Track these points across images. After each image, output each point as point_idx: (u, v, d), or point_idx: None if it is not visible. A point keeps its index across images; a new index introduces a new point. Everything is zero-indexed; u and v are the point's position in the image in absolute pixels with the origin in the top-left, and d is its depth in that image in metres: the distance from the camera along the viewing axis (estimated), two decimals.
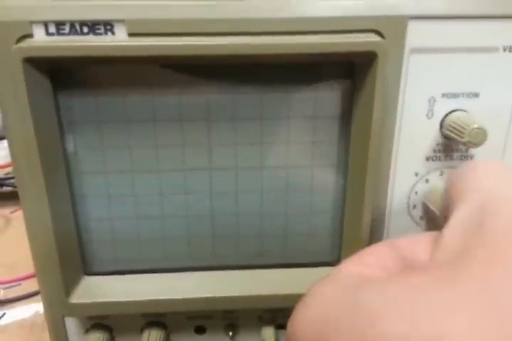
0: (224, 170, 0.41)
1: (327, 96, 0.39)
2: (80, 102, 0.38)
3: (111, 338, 0.43)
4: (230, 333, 0.44)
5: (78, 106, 0.38)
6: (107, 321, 0.43)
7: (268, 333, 0.43)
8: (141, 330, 0.43)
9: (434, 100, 0.38)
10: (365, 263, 0.29)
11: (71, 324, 0.43)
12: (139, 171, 0.40)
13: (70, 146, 0.39)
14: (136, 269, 0.43)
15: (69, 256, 0.41)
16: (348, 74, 0.38)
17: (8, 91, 0.35)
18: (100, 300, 0.40)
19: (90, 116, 0.38)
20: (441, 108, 0.39)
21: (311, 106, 0.39)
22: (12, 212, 0.89)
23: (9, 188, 0.89)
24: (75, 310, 0.41)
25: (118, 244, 0.42)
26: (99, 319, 0.43)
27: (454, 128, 0.38)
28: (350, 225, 0.41)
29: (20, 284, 0.70)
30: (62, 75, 0.37)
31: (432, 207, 0.39)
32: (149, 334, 0.42)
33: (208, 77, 0.38)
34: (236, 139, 0.40)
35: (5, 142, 0.97)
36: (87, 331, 0.43)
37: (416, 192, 0.41)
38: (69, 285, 0.40)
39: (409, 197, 0.41)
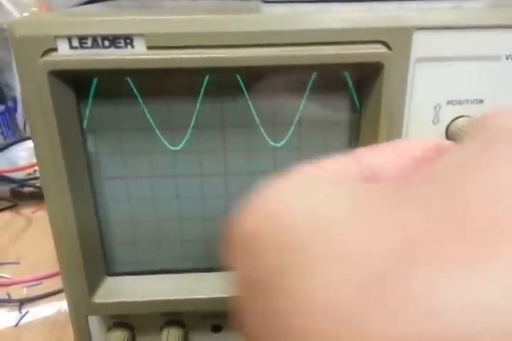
0: (238, 176, 0.42)
1: (335, 104, 0.41)
2: (101, 111, 0.40)
3: (132, 336, 0.45)
4: None
5: (99, 115, 0.40)
6: (128, 320, 0.45)
7: None
8: (161, 329, 0.45)
9: (440, 107, 0.40)
10: (323, 166, 0.25)
11: (94, 322, 0.45)
12: (157, 176, 0.42)
13: (92, 152, 0.42)
14: (155, 270, 0.45)
15: (92, 256, 0.43)
16: (355, 83, 0.40)
17: (34, 102, 0.37)
18: (122, 299, 0.43)
19: (111, 123, 0.41)
20: (447, 114, 0.40)
21: (319, 114, 0.41)
22: (34, 212, 0.92)
23: (30, 189, 0.92)
24: (98, 309, 0.43)
25: (138, 245, 0.44)
26: (120, 318, 0.45)
27: (460, 133, 0.39)
28: None
29: (42, 283, 0.72)
30: (84, 86, 0.39)
31: None
32: (168, 333, 0.44)
33: (220, 86, 0.39)
34: (249, 145, 0.41)
35: (26, 143, 1.00)
36: (109, 329, 0.45)
37: None
38: (92, 285, 0.42)
39: None
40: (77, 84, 0.39)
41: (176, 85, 0.40)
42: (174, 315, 0.45)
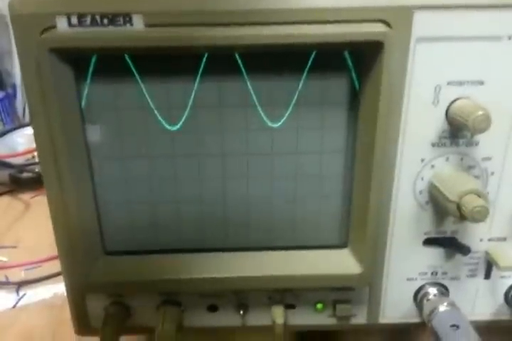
0: (236, 157, 0.42)
1: (334, 84, 0.40)
2: (100, 90, 0.40)
3: (129, 315, 0.45)
4: (241, 312, 0.46)
5: (98, 94, 0.40)
6: (125, 299, 0.45)
7: (278, 312, 0.45)
8: (158, 308, 0.45)
9: (440, 88, 0.40)
10: None
11: (91, 302, 0.45)
12: (154, 157, 0.42)
13: (91, 132, 0.41)
14: (152, 249, 0.45)
15: (89, 236, 0.43)
16: (355, 62, 0.39)
17: (34, 80, 0.37)
18: (118, 278, 0.43)
19: (109, 103, 0.40)
20: (447, 95, 0.40)
21: (317, 94, 0.41)
22: (32, 197, 0.92)
23: (29, 174, 0.91)
24: (95, 288, 0.43)
25: (135, 225, 0.44)
26: (117, 297, 0.45)
27: (459, 115, 0.39)
28: (358, 210, 0.43)
29: (40, 266, 0.73)
30: (83, 65, 0.39)
31: (441, 188, 0.40)
32: (165, 312, 0.44)
33: (219, 66, 0.39)
34: (246, 125, 0.41)
35: (25, 130, 0.99)
36: (106, 309, 0.45)
37: (422, 178, 0.42)
38: (89, 264, 0.42)
39: (415, 183, 0.42)
40: (76, 63, 0.39)
41: (174, 64, 0.39)
42: (171, 295, 0.45)
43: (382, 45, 0.36)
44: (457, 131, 0.41)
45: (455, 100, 0.40)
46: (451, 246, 0.44)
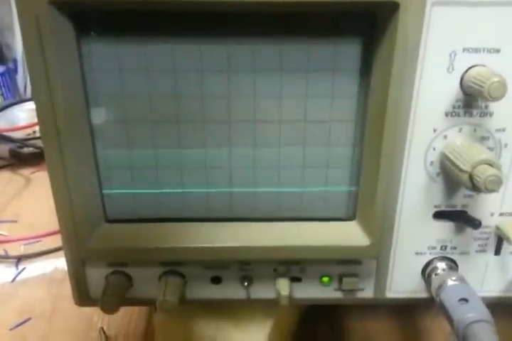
0: (242, 122, 0.41)
1: (347, 49, 0.39)
2: (102, 49, 0.38)
3: (130, 285, 0.44)
4: (245, 283, 0.44)
5: (99, 53, 0.39)
6: (126, 269, 0.44)
7: (283, 284, 0.44)
8: (159, 279, 0.44)
9: (455, 54, 0.38)
10: None
11: (91, 271, 0.44)
12: (158, 121, 0.41)
13: (92, 94, 0.40)
14: (155, 218, 0.44)
15: (90, 203, 0.42)
16: (368, 26, 0.38)
17: (33, 37, 0.35)
18: (119, 245, 0.42)
19: (111, 63, 0.39)
20: (462, 63, 0.38)
21: (331, 59, 0.39)
22: (33, 173, 0.91)
23: (30, 149, 0.90)
24: (95, 254, 0.42)
25: (138, 192, 0.43)
26: (118, 266, 0.44)
27: (474, 82, 0.37)
28: (367, 181, 0.42)
29: (40, 241, 0.72)
30: (84, 21, 0.37)
31: (454, 158, 0.39)
32: (166, 283, 0.43)
33: (228, 27, 0.38)
34: (255, 91, 0.40)
35: (26, 104, 0.99)
36: (106, 277, 0.44)
37: (434, 148, 0.41)
38: (90, 231, 0.42)
39: (426, 153, 0.41)
40: (78, 19, 0.37)
41: (179, 23, 0.38)
42: (173, 265, 0.44)
43: (398, 6, 0.35)
44: (471, 100, 0.39)
45: (470, 67, 0.39)
46: (462, 219, 0.43)
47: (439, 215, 0.43)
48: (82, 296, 0.45)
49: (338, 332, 0.56)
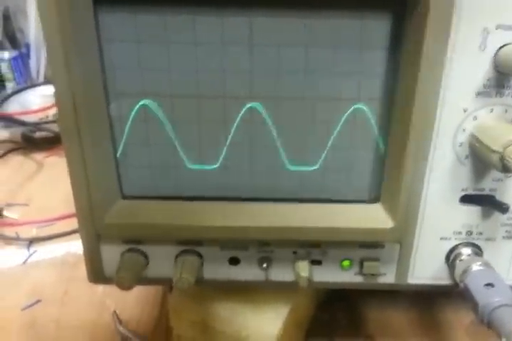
0: (267, 100, 0.40)
1: (375, 25, 0.38)
2: (119, 19, 0.37)
3: (146, 264, 0.43)
4: (264, 265, 0.43)
5: (117, 24, 0.38)
6: (142, 247, 0.43)
7: (302, 266, 0.42)
8: (176, 258, 0.43)
9: (488, 32, 0.37)
10: None
11: (106, 248, 0.43)
12: (178, 96, 0.40)
13: (109, 66, 0.39)
14: (171, 195, 0.43)
15: (106, 179, 0.41)
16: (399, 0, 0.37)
17: (49, 8, 0.34)
18: (135, 221, 0.41)
19: (129, 34, 0.38)
20: (495, 40, 0.37)
21: (358, 35, 0.38)
22: (46, 157, 0.90)
23: (42, 134, 0.89)
24: (110, 230, 0.41)
25: (154, 169, 0.42)
26: (134, 244, 0.43)
27: (507, 60, 0.36)
28: (392, 161, 0.40)
29: (52, 224, 0.71)
30: None
31: (484, 139, 0.38)
32: (184, 262, 0.42)
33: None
34: (279, 67, 0.39)
35: (38, 89, 0.98)
36: (122, 254, 0.43)
37: (464, 129, 0.40)
38: (106, 207, 0.41)
39: (455, 135, 0.40)
40: None
41: None
42: (191, 245, 0.43)
43: None
44: (503, 79, 0.38)
45: (503, 46, 0.37)
46: (489, 203, 0.42)
47: (466, 199, 0.42)
48: (96, 273, 0.44)
49: (355, 320, 0.55)
